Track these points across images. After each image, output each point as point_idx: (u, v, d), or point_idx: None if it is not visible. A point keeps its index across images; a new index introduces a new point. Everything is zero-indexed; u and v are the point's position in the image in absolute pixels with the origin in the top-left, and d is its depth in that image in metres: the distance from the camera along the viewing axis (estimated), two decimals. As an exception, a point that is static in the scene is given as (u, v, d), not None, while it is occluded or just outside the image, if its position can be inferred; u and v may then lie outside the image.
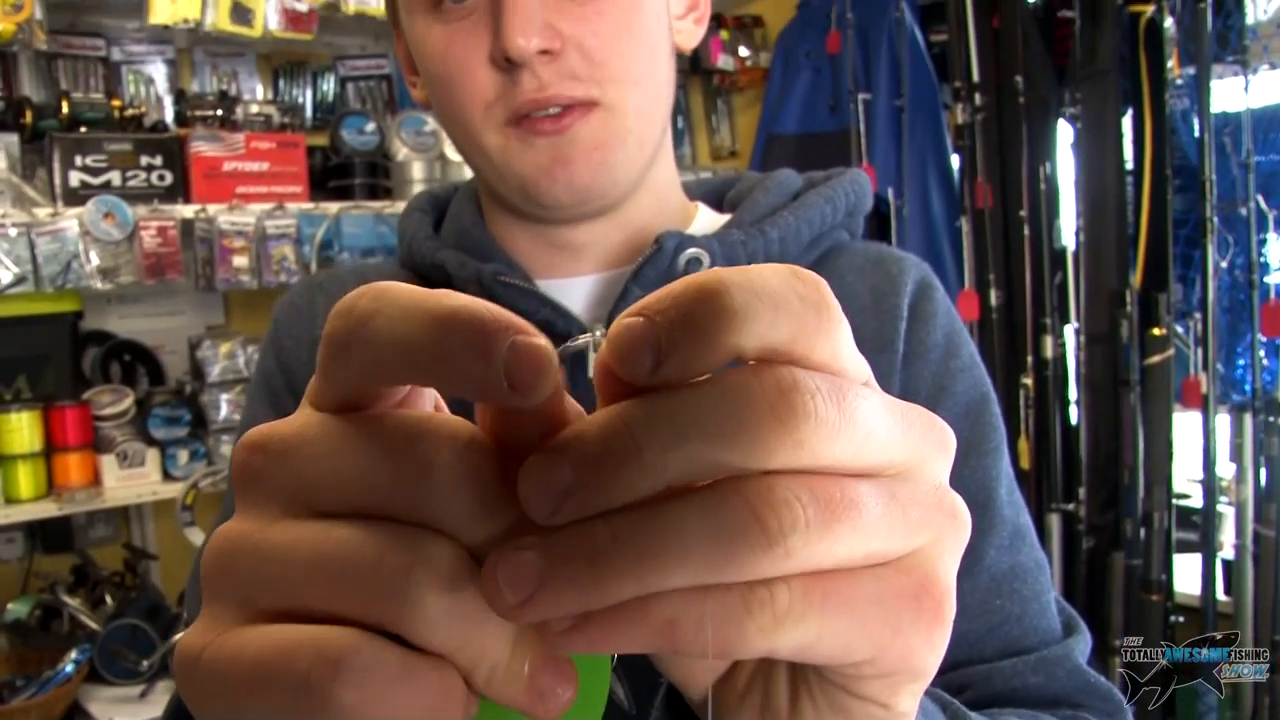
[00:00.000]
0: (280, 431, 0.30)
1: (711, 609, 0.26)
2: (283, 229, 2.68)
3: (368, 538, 0.27)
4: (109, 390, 2.58)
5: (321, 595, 0.27)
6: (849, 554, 0.27)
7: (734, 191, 0.92)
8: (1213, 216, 2.22)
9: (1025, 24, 2.55)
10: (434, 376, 0.27)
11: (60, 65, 2.80)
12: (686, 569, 0.25)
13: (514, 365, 0.25)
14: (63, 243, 2.39)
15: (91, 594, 2.51)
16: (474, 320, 0.26)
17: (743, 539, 0.25)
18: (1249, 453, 2.20)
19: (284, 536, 0.28)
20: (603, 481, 0.25)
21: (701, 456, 0.25)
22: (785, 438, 0.26)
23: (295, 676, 0.26)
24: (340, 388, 0.29)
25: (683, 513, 0.26)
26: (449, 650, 0.27)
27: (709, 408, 0.26)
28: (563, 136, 0.74)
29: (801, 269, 0.28)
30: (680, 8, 0.85)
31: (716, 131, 3.68)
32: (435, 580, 0.26)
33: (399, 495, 0.27)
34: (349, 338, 0.28)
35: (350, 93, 3.23)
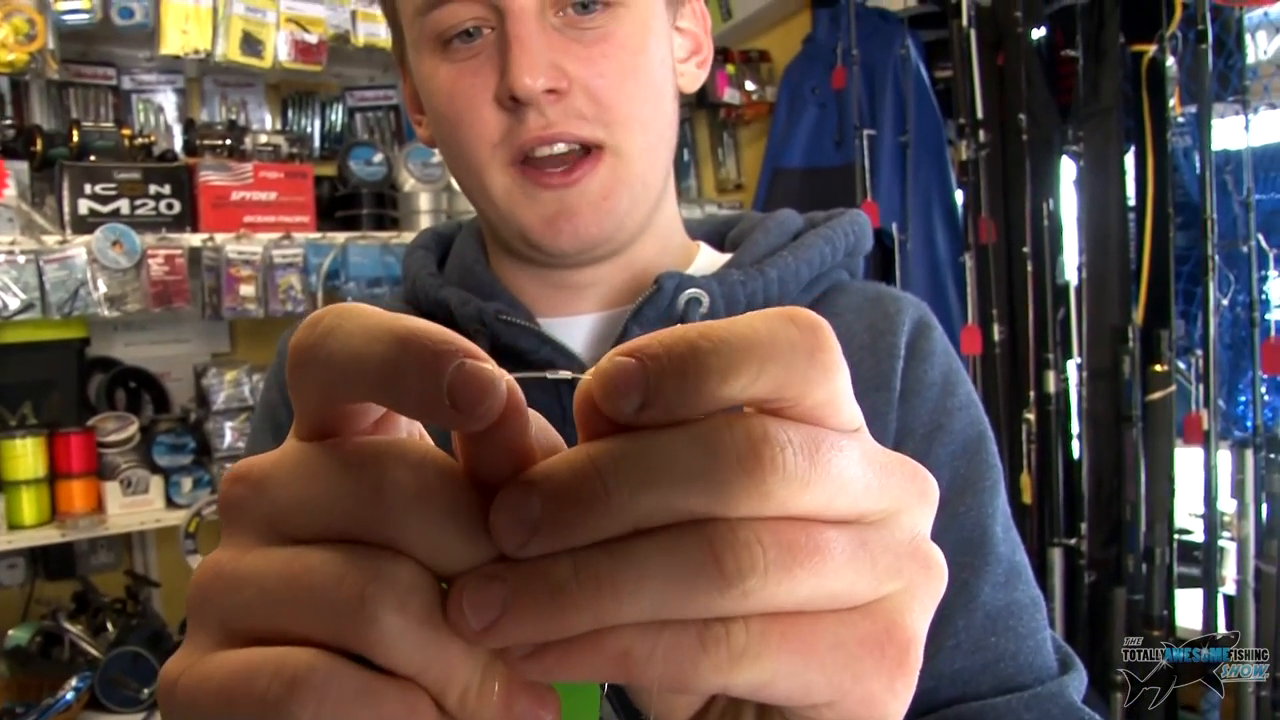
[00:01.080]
0: (259, 463, 0.30)
1: (666, 643, 0.26)
2: (290, 258, 2.70)
3: (331, 559, 0.27)
4: (114, 417, 2.59)
5: (288, 617, 0.28)
6: (810, 597, 0.27)
7: (735, 231, 0.93)
8: (1214, 254, 2.23)
9: (1029, 62, 2.57)
10: (384, 393, 0.27)
11: (71, 94, 2.83)
12: (643, 604, 0.26)
13: (457, 386, 0.26)
14: (71, 270, 2.41)
15: (93, 621, 2.51)
16: (425, 340, 0.26)
17: (699, 577, 0.26)
18: (1250, 489, 2.20)
19: (257, 563, 0.29)
20: (570, 520, 0.26)
21: (668, 502, 0.26)
22: (751, 489, 0.26)
23: (255, 695, 0.27)
24: (303, 403, 0.30)
25: (645, 550, 0.26)
26: (413, 671, 0.27)
27: (679, 455, 0.26)
28: (570, 190, 0.75)
29: (801, 312, 0.28)
30: (683, 51, 0.86)
31: (722, 165, 3.70)
32: (392, 598, 0.27)
33: (358, 517, 0.28)
34: (310, 350, 0.28)
35: (358, 123, 3.25)
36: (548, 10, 0.74)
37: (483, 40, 0.75)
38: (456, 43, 0.75)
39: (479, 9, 0.74)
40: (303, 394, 0.30)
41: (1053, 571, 2.47)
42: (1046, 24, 2.67)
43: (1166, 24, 2.32)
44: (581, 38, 0.74)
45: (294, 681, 0.26)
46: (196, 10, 2.63)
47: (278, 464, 0.30)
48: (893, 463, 0.30)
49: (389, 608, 0.26)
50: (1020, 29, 2.56)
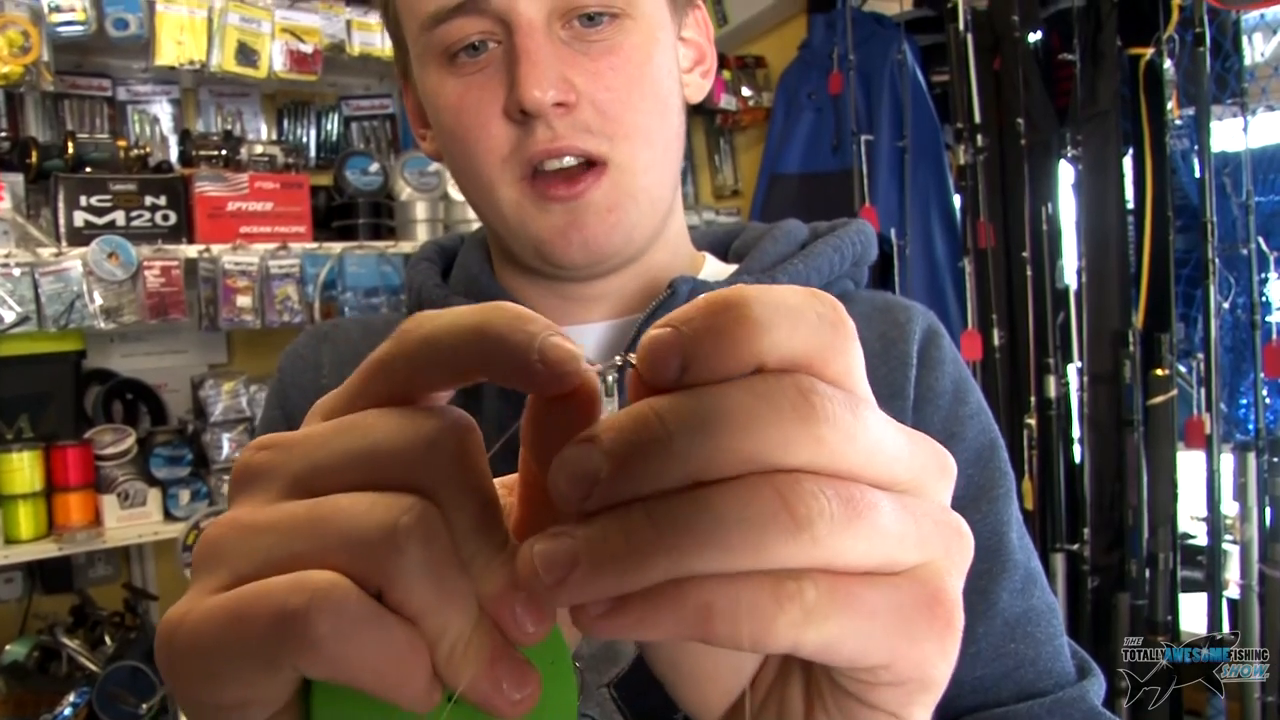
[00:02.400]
0: (287, 434, 0.32)
1: (746, 597, 0.26)
2: (286, 269, 2.69)
3: (361, 498, 0.29)
4: (110, 429, 2.58)
5: (307, 553, 0.28)
6: (868, 553, 0.28)
7: (739, 242, 0.93)
8: (1214, 257, 2.23)
9: (1026, 66, 2.57)
10: (480, 357, 0.29)
11: (66, 105, 2.83)
12: (719, 551, 0.26)
13: (547, 348, 0.28)
14: (66, 282, 2.40)
15: (91, 635, 2.50)
16: (517, 311, 0.29)
17: (771, 524, 0.26)
18: (1253, 492, 2.19)
19: (278, 510, 0.30)
20: (633, 469, 0.26)
21: (727, 447, 0.26)
22: (805, 433, 0.27)
23: (273, 606, 0.27)
24: (397, 379, 0.31)
25: (716, 498, 0.26)
26: (419, 611, 0.28)
27: (735, 402, 0.27)
28: (577, 202, 0.75)
29: (819, 290, 0.29)
30: (688, 61, 0.85)
31: (719, 171, 3.70)
32: (421, 535, 0.28)
33: (400, 464, 0.29)
34: (412, 332, 0.30)
35: (354, 132, 3.25)
36: (555, 23, 0.73)
37: (489, 54, 0.74)
38: (463, 56, 0.75)
39: (486, 23, 0.73)
40: (398, 368, 0.31)
41: (1055, 577, 2.46)
42: (1043, 28, 2.67)
43: (1163, 27, 2.32)
44: (588, 50, 0.74)
45: (316, 592, 0.27)
46: (191, 21, 2.62)
47: (310, 430, 0.31)
48: (915, 435, 0.31)
49: (416, 541, 0.28)
50: (1017, 33, 2.56)
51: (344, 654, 0.27)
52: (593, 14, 0.74)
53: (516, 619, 0.29)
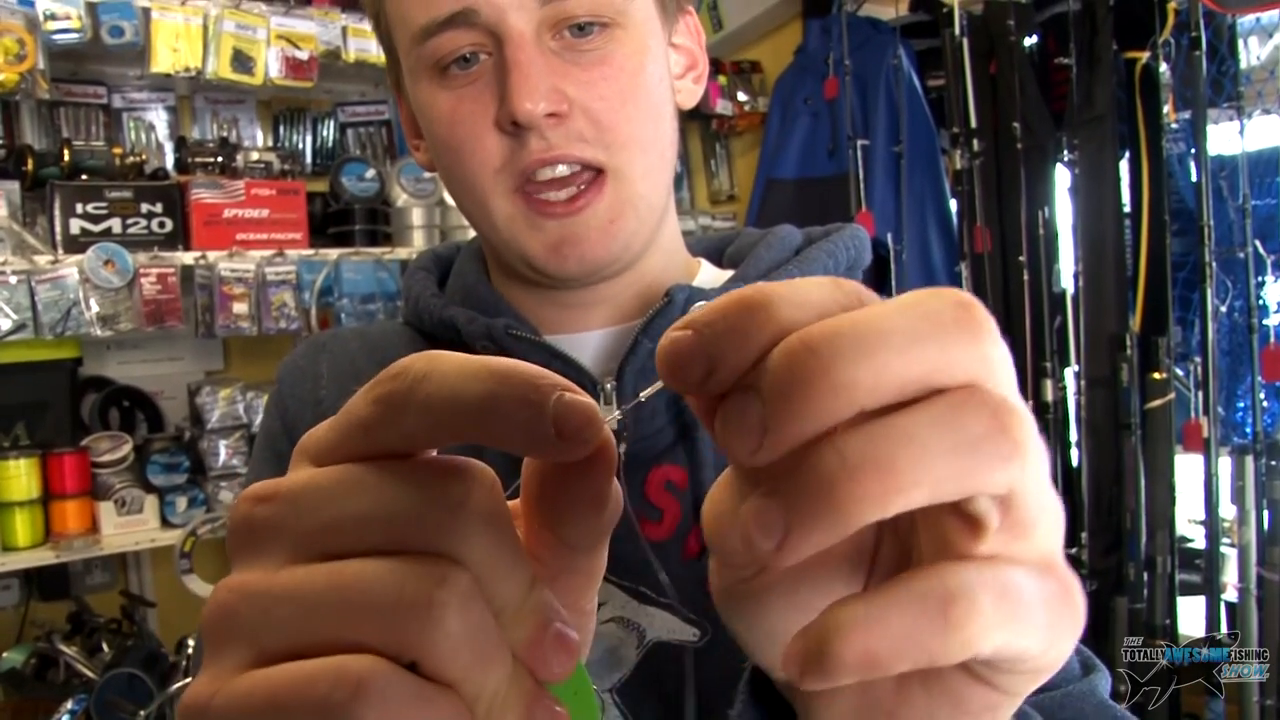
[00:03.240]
0: (286, 483, 0.30)
1: (911, 632, 0.26)
2: (283, 275, 2.69)
3: (388, 567, 0.27)
4: (107, 437, 2.57)
5: (336, 627, 0.27)
6: (1043, 498, 0.28)
7: (733, 248, 0.93)
8: (1211, 260, 2.23)
9: (1022, 70, 2.57)
10: (487, 428, 0.28)
11: (62, 113, 2.83)
12: (926, 483, 0.26)
13: (561, 415, 0.27)
14: (63, 290, 2.40)
15: (88, 642, 2.49)
16: (525, 374, 0.28)
17: (984, 445, 0.26)
18: (1251, 495, 2.20)
19: (295, 577, 0.28)
20: (795, 408, 0.26)
21: (891, 366, 0.26)
22: (970, 342, 0.26)
23: (315, 700, 0.26)
24: (389, 444, 0.29)
25: (914, 421, 0.26)
26: (458, 679, 0.27)
27: (891, 322, 0.26)
28: (575, 218, 0.74)
29: (840, 279, 0.29)
30: (680, 67, 0.85)
31: (715, 176, 3.70)
32: (458, 603, 0.27)
33: (425, 528, 0.28)
34: (407, 395, 0.28)
35: (350, 138, 3.25)
36: (545, 34, 0.73)
37: (480, 66, 0.74)
38: (454, 69, 0.75)
39: (476, 35, 0.73)
40: (393, 432, 0.29)
41: (1054, 581, 2.46)
42: (1039, 32, 2.67)
43: (1159, 31, 2.33)
44: (580, 60, 0.74)
45: (359, 684, 0.26)
46: (187, 28, 2.62)
47: (311, 480, 0.29)
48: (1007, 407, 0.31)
49: (455, 611, 0.27)
50: (1012, 37, 2.56)
51: None
52: (583, 24, 0.74)
53: (548, 660, 0.29)
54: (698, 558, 0.72)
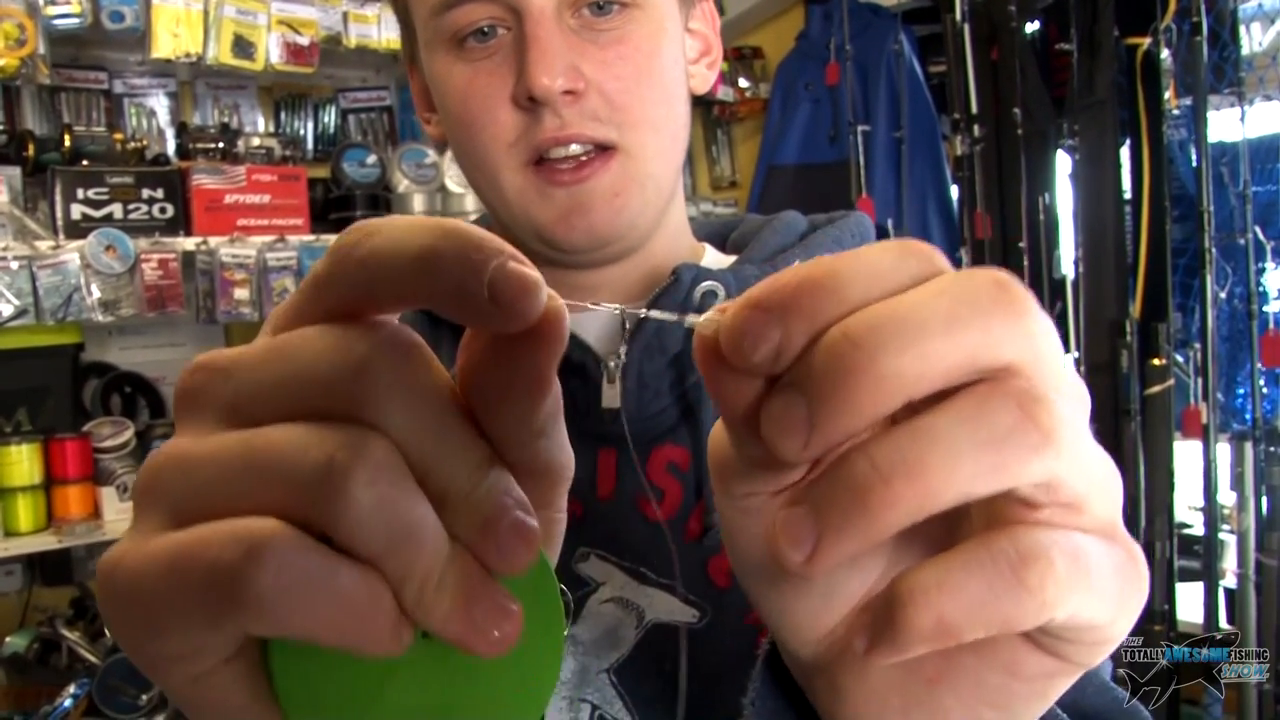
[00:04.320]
0: (225, 352, 0.29)
1: (989, 595, 0.26)
2: (284, 261, 2.69)
3: (300, 432, 0.26)
4: (109, 422, 2.58)
5: (246, 493, 0.26)
6: (1090, 469, 0.27)
7: (737, 233, 0.93)
8: (1211, 247, 2.23)
9: (1023, 56, 2.57)
10: (424, 287, 0.27)
11: (63, 98, 2.82)
12: (957, 479, 0.25)
13: (498, 280, 0.26)
14: (64, 275, 2.40)
15: (91, 627, 2.50)
16: (470, 235, 0.26)
17: (1014, 438, 0.25)
18: (1250, 481, 2.20)
19: (215, 443, 0.28)
20: (843, 404, 0.25)
21: (935, 354, 0.25)
22: (1012, 321, 0.26)
23: (208, 562, 0.25)
24: (338, 300, 0.28)
25: (940, 421, 0.25)
26: (375, 554, 0.26)
27: (931, 305, 0.26)
28: (581, 186, 0.75)
29: (912, 242, 0.28)
30: (694, 52, 0.85)
31: (717, 162, 3.70)
32: (365, 469, 0.25)
33: (335, 393, 0.27)
34: (353, 249, 0.28)
35: (351, 124, 3.25)
36: (565, 11, 0.73)
37: (498, 40, 0.74)
38: (471, 41, 0.75)
39: (496, 9, 0.73)
40: (334, 290, 0.28)
41: (1053, 567, 2.47)
42: (1040, 18, 2.67)
43: (1160, 16, 2.32)
44: (597, 39, 0.74)
45: (252, 546, 0.25)
46: (187, 13, 2.61)
47: (245, 351, 0.29)
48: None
49: (359, 479, 0.25)
50: (1014, 23, 2.56)
51: (290, 610, 0.25)
52: (602, 3, 0.74)
53: (501, 549, 0.27)
54: (699, 540, 0.73)
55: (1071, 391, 0.28)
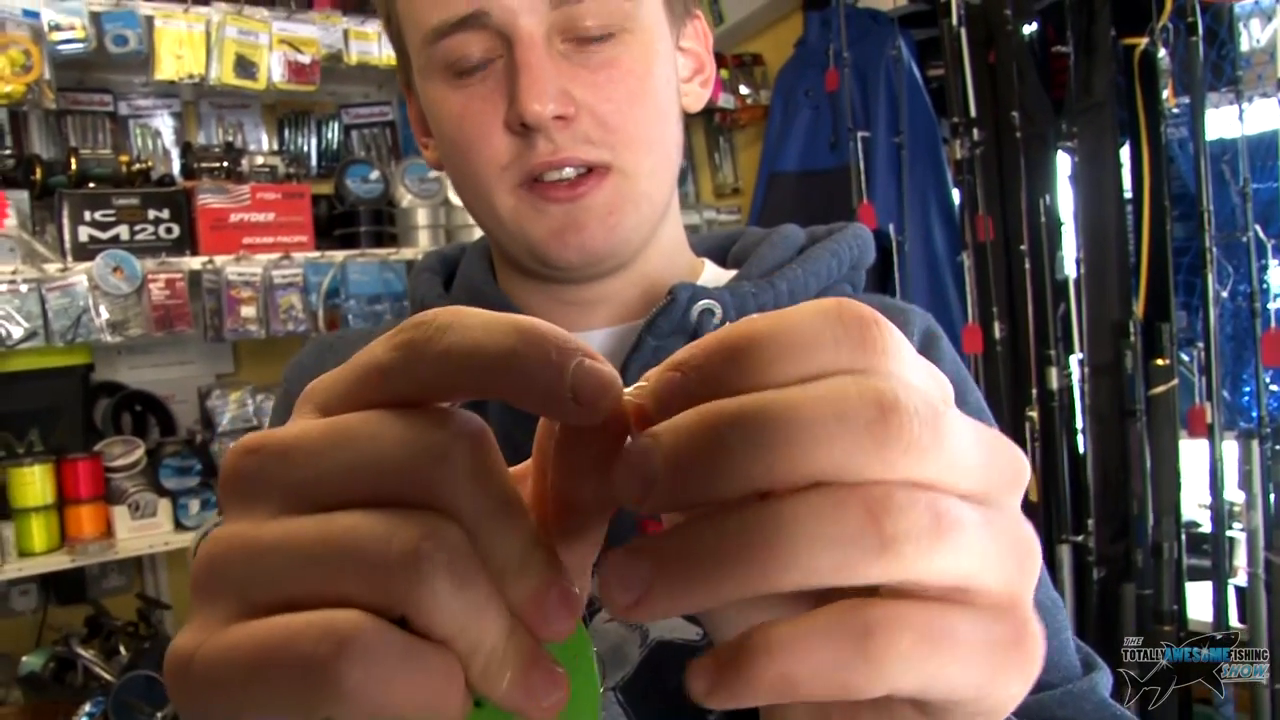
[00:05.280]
0: (277, 434, 0.29)
1: (831, 658, 0.26)
2: (289, 278, 2.71)
3: (376, 520, 0.27)
4: (120, 441, 2.60)
5: (323, 580, 0.27)
6: (950, 572, 0.27)
7: (737, 247, 0.94)
8: (1212, 245, 2.23)
9: (1021, 58, 2.57)
10: (506, 384, 0.28)
11: (69, 121, 2.85)
12: (792, 571, 0.26)
13: (580, 379, 0.27)
14: (73, 297, 2.42)
15: (105, 645, 2.52)
16: (550, 335, 0.28)
17: (857, 543, 0.25)
18: (1257, 479, 2.20)
19: (284, 528, 0.28)
20: (691, 476, 0.26)
21: (792, 466, 0.26)
22: (880, 456, 0.26)
23: (299, 657, 0.26)
24: (404, 391, 0.29)
25: (792, 512, 0.26)
26: (451, 634, 0.27)
27: (804, 417, 0.26)
28: (576, 204, 0.76)
29: (846, 302, 0.28)
30: (687, 71, 0.86)
31: (719, 169, 3.70)
32: (446, 558, 0.27)
33: (411, 479, 0.28)
34: (428, 343, 0.28)
35: (354, 140, 3.27)
36: (555, 37, 0.74)
37: (491, 67, 0.75)
38: (465, 68, 0.76)
39: (487, 38, 0.74)
40: (408, 381, 0.29)
41: (1061, 569, 2.47)
42: (1037, 20, 2.67)
43: (1157, 16, 2.32)
44: (588, 63, 0.75)
45: (343, 641, 0.25)
46: (190, 35, 2.64)
47: (301, 434, 0.29)
48: (994, 439, 0.30)
49: (442, 566, 0.26)
50: (1010, 26, 2.56)
51: (379, 698, 0.26)
52: (593, 28, 0.75)
53: (548, 619, 0.28)
54: None
55: (972, 483, 0.28)
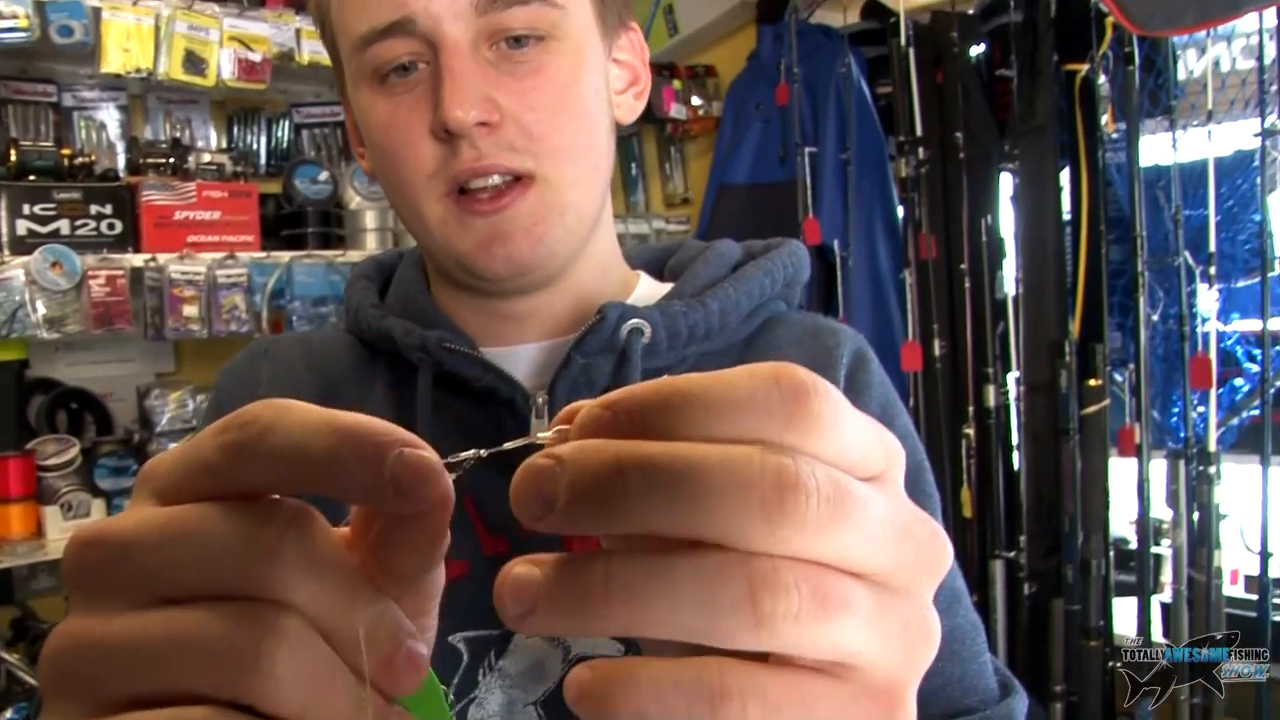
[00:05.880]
0: (114, 525, 0.30)
1: (678, 709, 0.27)
2: (234, 278, 2.68)
3: (217, 616, 0.28)
4: (54, 440, 2.55)
5: (172, 677, 0.28)
6: (827, 649, 0.28)
7: (674, 260, 0.94)
8: (1144, 270, 2.28)
9: (967, 80, 2.61)
10: (329, 482, 0.29)
11: (10, 111, 2.80)
12: (666, 624, 0.27)
13: (399, 472, 0.28)
14: (8, 292, 2.38)
15: (31, 648, 2.47)
16: (367, 432, 0.29)
17: (732, 612, 0.26)
18: (1183, 498, 2.25)
19: (130, 626, 0.29)
20: (585, 512, 0.27)
21: (685, 522, 0.27)
22: (772, 531, 0.26)
23: None
24: (233, 489, 0.30)
25: (680, 571, 0.27)
26: (298, 714, 0.28)
27: (702, 479, 0.26)
28: (501, 215, 0.76)
29: (786, 371, 0.29)
30: (621, 83, 0.87)
31: (669, 179, 3.72)
32: (285, 646, 0.28)
33: (249, 575, 0.29)
34: (253, 445, 0.29)
35: (305, 139, 3.24)
36: (481, 44, 0.75)
37: (418, 74, 0.76)
38: (393, 77, 0.76)
39: (414, 44, 0.75)
40: (235, 479, 0.30)
41: (994, 584, 2.50)
42: (985, 42, 2.71)
43: (1097, 44, 2.37)
44: (514, 71, 0.75)
45: None
46: (138, 28, 2.60)
47: (143, 526, 0.30)
48: (914, 522, 0.30)
49: (282, 655, 0.28)
50: (957, 48, 2.60)
51: None
52: (519, 35, 0.75)
53: (398, 680, 0.30)
54: None
55: (876, 564, 0.29)
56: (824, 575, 0.27)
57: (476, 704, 0.74)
